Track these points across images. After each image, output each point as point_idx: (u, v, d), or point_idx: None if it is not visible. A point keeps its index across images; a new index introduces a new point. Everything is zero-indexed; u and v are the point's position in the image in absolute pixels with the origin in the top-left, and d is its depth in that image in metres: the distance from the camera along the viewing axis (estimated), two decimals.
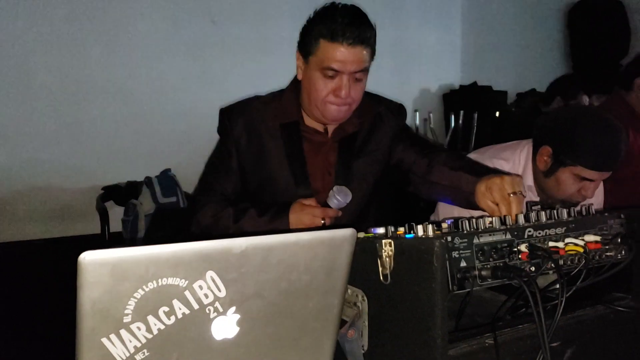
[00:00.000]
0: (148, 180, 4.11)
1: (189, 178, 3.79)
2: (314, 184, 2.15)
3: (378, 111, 2.24)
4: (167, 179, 4.16)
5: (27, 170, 4.11)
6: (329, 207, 1.98)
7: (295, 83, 2.19)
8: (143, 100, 4.53)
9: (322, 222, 1.94)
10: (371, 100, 2.21)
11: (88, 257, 0.91)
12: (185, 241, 2.06)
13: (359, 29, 1.95)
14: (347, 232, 1.14)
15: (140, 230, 3.97)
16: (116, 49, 4.45)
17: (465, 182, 1.90)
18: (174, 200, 4.08)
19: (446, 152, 2.18)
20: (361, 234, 1.41)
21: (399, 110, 2.31)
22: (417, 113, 5.44)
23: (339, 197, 1.96)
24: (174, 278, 0.98)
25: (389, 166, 2.24)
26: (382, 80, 5.77)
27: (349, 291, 1.38)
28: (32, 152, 4.13)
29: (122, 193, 4.22)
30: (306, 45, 2.04)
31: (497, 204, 1.71)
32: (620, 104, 3.36)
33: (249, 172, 2.18)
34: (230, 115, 2.20)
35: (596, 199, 2.47)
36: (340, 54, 1.96)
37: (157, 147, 4.50)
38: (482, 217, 1.38)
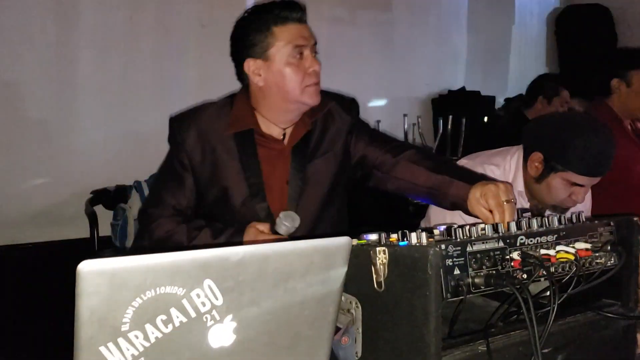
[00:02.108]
0: (137, 185, 4.09)
1: None
2: (271, 196, 2.09)
3: (328, 108, 2.20)
4: None
5: (15, 174, 4.09)
6: (279, 233, 1.93)
7: (245, 91, 2.16)
8: (132, 103, 4.52)
9: None
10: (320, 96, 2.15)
11: (87, 267, 0.92)
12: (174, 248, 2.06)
13: (299, 9, 2.06)
14: (342, 241, 1.16)
15: (129, 235, 3.95)
16: (105, 52, 4.43)
17: (456, 188, 1.90)
18: None
19: (412, 147, 2.17)
20: (354, 241, 1.42)
21: (350, 105, 2.26)
22: (406, 118, 5.45)
23: (287, 223, 1.91)
24: (172, 287, 0.99)
25: (348, 165, 2.20)
26: (370, 85, 5.81)
27: (343, 298, 1.39)
28: (20, 155, 4.11)
29: (111, 197, 4.20)
30: (257, 45, 2.04)
31: (490, 211, 1.73)
32: (604, 110, 3.39)
33: (205, 186, 2.11)
34: (181, 125, 2.14)
35: (584, 204, 2.49)
36: (298, 30, 2.03)
37: (146, 151, 4.49)
38: (474, 224, 1.39)
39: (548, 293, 1.38)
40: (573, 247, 1.45)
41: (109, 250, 4.00)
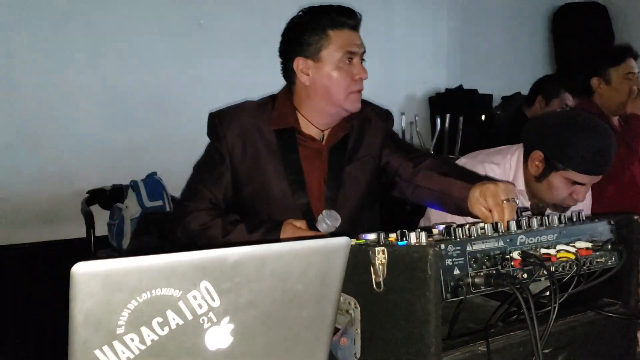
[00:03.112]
0: (134, 184, 4.09)
1: (175, 182, 3.77)
2: (310, 194, 2.12)
3: (366, 114, 2.23)
4: (153, 183, 4.14)
5: (12, 174, 4.07)
6: (318, 230, 1.95)
7: (287, 90, 2.19)
8: (129, 103, 4.50)
9: None
10: None
11: (81, 269, 0.90)
12: (172, 248, 2.06)
13: (355, 16, 2.10)
14: (341, 241, 1.14)
15: (126, 234, 3.95)
16: (101, 52, 4.42)
17: (457, 188, 1.90)
18: (160, 204, 4.06)
19: (432, 156, 2.20)
20: (353, 241, 1.41)
21: (386, 114, 2.32)
22: (404, 116, 5.45)
23: (328, 221, 1.94)
24: (168, 288, 0.97)
25: (379, 170, 2.23)
26: (368, 83, 5.79)
27: (342, 298, 1.37)
28: (16, 156, 4.10)
29: (107, 197, 4.19)
30: (310, 45, 2.06)
31: (489, 210, 1.72)
32: (590, 108, 3.39)
33: (243, 180, 2.13)
34: (222, 120, 2.15)
35: (585, 203, 2.49)
36: (351, 36, 2.08)
37: (143, 151, 4.48)
38: (474, 223, 1.38)
39: (548, 293, 1.37)
40: (573, 246, 1.44)
41: (106, 250, 4.00)
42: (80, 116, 4.32)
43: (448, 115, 5.43)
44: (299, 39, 2.09)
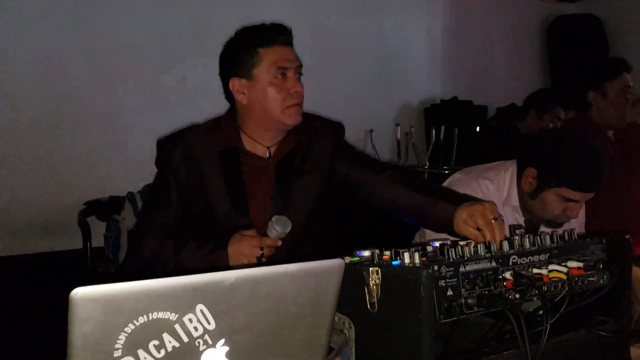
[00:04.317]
0: (130, 196, 4.09)
1: None
2: (254, 210, 2.14)
3: (314, 128, 2.25)
4: None
5: (8, 185, 4.08)
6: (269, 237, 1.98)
7: (232, 111, 2.23)
8: (125, 115, 4.52)
9: (261, 252, 1.95)
10: (305, 117, 2.21)
11: (80, 293, 0.91)
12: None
13: (286, 32, 2.14)
14: (334, 263, 1.15)
15: (122, 246, 3.94)
16: (98, 63, 4.44)
17: (441, 209, 1.91)
18: None
19: (394, 168, 2.24)
20: (347, 259, 1.42)
21: (336, 127, 2.32)
22: (399, 127, 5.47)
23: (277, 228, 1.95)
24: (164, 312, 0.99)
25: (333, 185, 2.23)
26: (363, 95, 5.82)
27: (336, 318, 1.39)
28: (13, 167, 4.10)
29: (104, 208, 4.20)
30: (242, 64, 2.11)
31: (478, 230, 1.74)
32: (586, 122, 3.41)
33: (189, 202, 2.16)
34: (167, 146, 2.21)
35: (578, 219, 2.51)
36: (283, 53, 2.10)
37: (139, 162, 4.49)
38: (467, 244, 1.40)
39: (541, 312, 1.39)
40: (565, 266, 1.46)
41: (101, 262, 4.00)
42: (77, 128, 4.32)
43: (443, 127, 5.46)
44: (232, 59, 2.14)
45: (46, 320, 3.73)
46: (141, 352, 0.99)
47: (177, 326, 1.01)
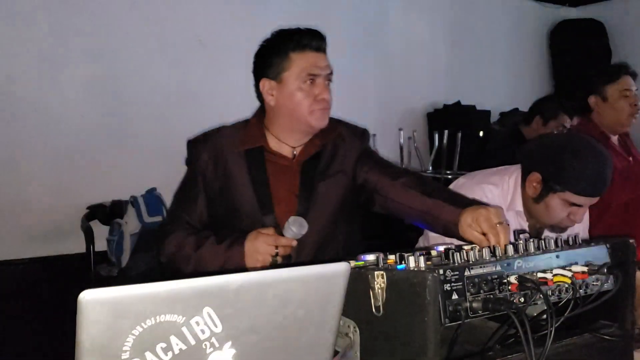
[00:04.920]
0: (133, 200, 4.10)
1: None
2: (279, 209, 2.17)
3: (339, 132, 2.28)
4: (152, 198, 4.15)
5: (11, 189, 4.08)
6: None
7: (259, 112, 2.28)
8: (129, 118, 4.52)
9: (276, 250, 1.97)
10: (331, 122, 2.24)
11: (88, 296, 0.92)
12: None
13: (319, 38, 2.17)
14: (340, 267, 1.16)
15: (125, 250, 3.96)
16: (100, 67, 4.44)
17: (447, 212, 1.93)
18: (159, 219, 4.07)
19: (410, 173, 2.26)
20: (352, 263, 1.43)
21: (362, 133, 2.36)
22: (402, 132, 5.47)
23: (294, 228, 1.97)
24: (172, 315, 0.99)
25: (356, 188, 2.26)
26: (366, 99, 5.83)
27: (341, 322, 1.39)
28: (16, 171, 4.11)
29: (107, 212, 4.21)
30: (273, 67, 2.15)
31: (483, 234, 1.74)
32: (589, 128, 3.42)
33: (216, 201, 2.21)
34: (196, 145, 2.26)
35: (582, 223, 2.51)
36: (314, 59, 2.13)
37: (142, 166, 4.50)
38: (472, 248, 1.40)
39: (545, 316, 1.39)
40: (570, 270, 1.47)
41: (104, 266, 4.01)
42: (81, 132, 4.33)
43: (446, 131, 5.45)
44: (264, 61, 2.19)
45: (50, 324, 3.75)
46: (148, 355, 1.00)
47: (184, 329, 1.01)
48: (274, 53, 2.16)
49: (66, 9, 4.31)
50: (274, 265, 1.95)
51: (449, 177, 5.13)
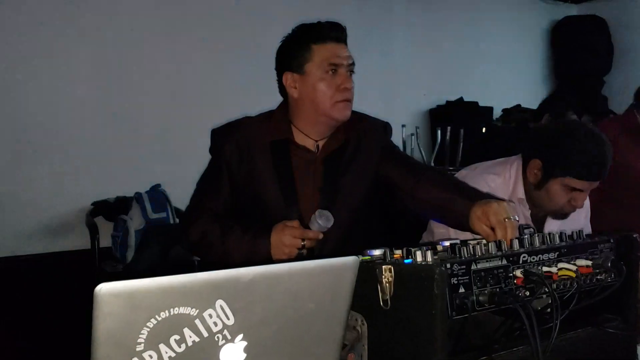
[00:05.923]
0: (138, 196, 4.13)
1: (179, 194, 3.81)
2: (303, 202, 2.18)
3: (363, 126, 2.29)
4: (157, 195, 4.18)
5: (17, 185, 4.10)
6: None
7: (284, 104, 2.29)
8: (133, 116, 4.53)
9: (302, 243, 1.97)
10: (354, 115, 2.25)
11: (104, 289, 0.94)
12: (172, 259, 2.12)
13: (340, 30, 2.20)
14: (350, 261, 1.18)
15: (130, 246, 3.98)
16: (105, 65, 4.45)
17: (459, 205, 1.94)
18: (164, 216, 4.10)
19: (432, 169, 2.29)
20: (359, 257, 1.44)
21: (384, 127, 2.37)
22: (405, 128, 5.48)
23: (320, 222, 1.97)
24: (185, 307, 1.01)
25: (378, 183, 2.27)
26: (369, 95, 5.83)
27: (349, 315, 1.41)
28: (20, 167, 4.12)
29: (111, 208, 4.23)
30: (295, 59, 2.17)
31: (492, 228, 1.76)
32: (632, 120, 3.39)
33: (240, 190, 2.22)
34: (220, 135, 2.27)
35: (583, 209, 2.54)
36: (335, 49, 2.16)
37: (147, 163, 4.51)
38: (478, 242, 1.42)
39: (549, 309, 1.41)
40: (574, 264, 1.48)
41: (109, 262, 4.04)
42: (86, 128, 4.34)
43: (449, 128, 5.46)
44: (286, 54, 2.21)
45: (55, 319, 3.77)
46: (162, 347, 1.01)
47: (197, 321, 1.03)
48: (295, 46, 2.18)
49: (72, 8, 4.32)
50: (299, 258, 1.96)
51: (452, 173, 5.14)
